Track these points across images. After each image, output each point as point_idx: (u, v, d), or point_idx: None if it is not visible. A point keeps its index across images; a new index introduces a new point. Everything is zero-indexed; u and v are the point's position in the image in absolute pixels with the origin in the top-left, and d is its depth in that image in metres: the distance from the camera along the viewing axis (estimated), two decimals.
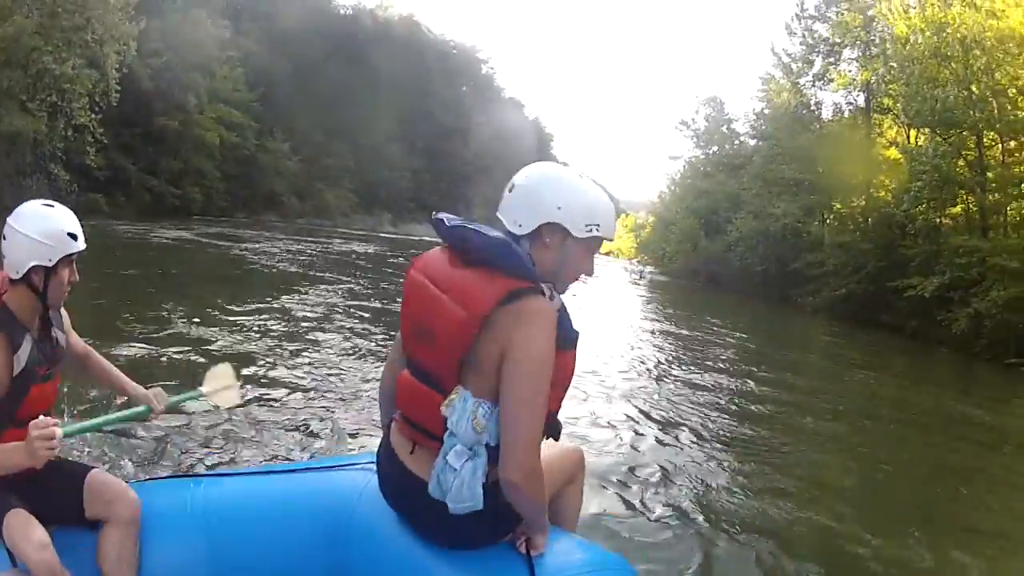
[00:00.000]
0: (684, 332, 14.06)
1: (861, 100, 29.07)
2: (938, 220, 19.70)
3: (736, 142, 41.79)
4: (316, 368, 5.79)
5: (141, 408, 2.03)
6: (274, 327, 7.45)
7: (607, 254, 72.41)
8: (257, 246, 18.85)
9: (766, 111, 33.61)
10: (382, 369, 1.92)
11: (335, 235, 30.88)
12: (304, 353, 6.35)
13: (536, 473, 1.48)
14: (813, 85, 31.64)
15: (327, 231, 33.82)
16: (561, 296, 1.58)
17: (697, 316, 18.41)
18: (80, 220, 1.80)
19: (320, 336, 7.33)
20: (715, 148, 43.08)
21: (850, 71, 28.59)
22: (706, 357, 10.56)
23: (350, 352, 6.72)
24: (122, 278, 10.43)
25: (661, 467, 4.45)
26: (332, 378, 5.51)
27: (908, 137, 24.43)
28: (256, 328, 7.20)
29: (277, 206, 39.31)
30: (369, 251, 24.16)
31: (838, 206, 25.49)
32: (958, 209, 19.23)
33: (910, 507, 4.76)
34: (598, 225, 1.54)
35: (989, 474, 6.18)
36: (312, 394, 4.96)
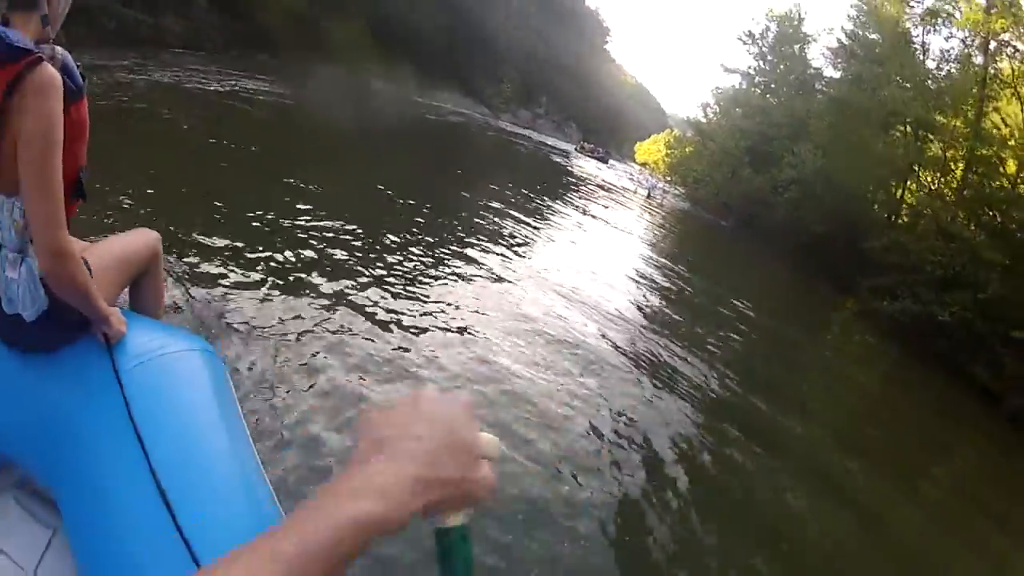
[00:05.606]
0: (673, 296, 9.70)
1: (979, 59, 21.68)
2: None
3: (810, 70, 33.90)
4: None
5: None
6: None
7: (643, 165, 63.28)
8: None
9: (869, 31, 25.41)
10: None
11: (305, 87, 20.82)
12: None
13: (66, 253, 1.30)
14: (921, 22, 23.84)
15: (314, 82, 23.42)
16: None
17: (700, 276, 12.84)
18: None
19: None
20: (783, 66, 35.09)
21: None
22: (689, 354, 6.72)
23: None
24: None
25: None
26: None
27: None
28: None
29: (270, 44, 31.67)
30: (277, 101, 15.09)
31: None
32: None
33: None
34: None
35: None
36: None
